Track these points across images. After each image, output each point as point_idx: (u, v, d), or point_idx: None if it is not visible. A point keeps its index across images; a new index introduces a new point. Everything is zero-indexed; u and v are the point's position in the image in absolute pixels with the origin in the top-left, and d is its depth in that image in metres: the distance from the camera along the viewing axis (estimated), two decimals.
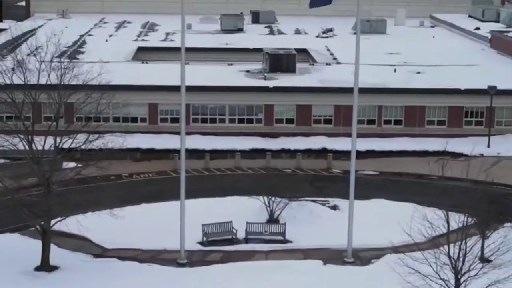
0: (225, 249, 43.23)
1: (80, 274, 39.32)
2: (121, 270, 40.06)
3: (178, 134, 62.00)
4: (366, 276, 39.21)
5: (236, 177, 56.71)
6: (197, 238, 44.24)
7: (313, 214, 46.88)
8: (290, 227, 44.92)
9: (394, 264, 35.84)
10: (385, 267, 39.32)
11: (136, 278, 38.94)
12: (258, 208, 47.25)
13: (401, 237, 41.26)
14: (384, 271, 38.85)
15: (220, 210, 47.43)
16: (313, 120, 64.37)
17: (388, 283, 36.64)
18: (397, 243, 42.69)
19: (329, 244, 43.56)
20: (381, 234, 43.99)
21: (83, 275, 39.21)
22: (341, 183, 53.64)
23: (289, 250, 43.23)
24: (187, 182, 53.94)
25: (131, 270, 40.10)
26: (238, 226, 44.50)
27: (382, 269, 39.36)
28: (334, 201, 50.46)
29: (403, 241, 42.01)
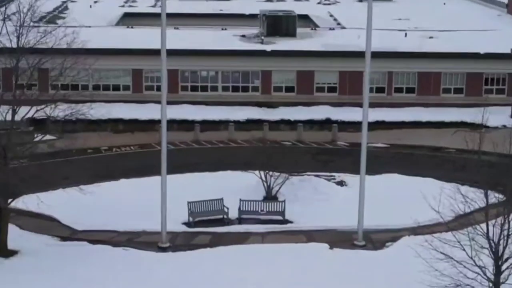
0: (214, 230, 37.38)
1: (42, 260, 33.51)
2: (91, 255, 34.26)
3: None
4: (381, 263, 33.40)
5: (229, 150, 50.94)
6: (182, 218, 38.47)
7: (317, 191, 41.01)
8: (290, 205, 39.12)
9: (411, 248, 30.28)
10: (403, 251, 33.71)
11: (108, 265, 33.14)
12: (254, 184, 41.47)
13: (420, 216, 36.07)
14: (402, 256, 33.19)
15: (210, 186, 41.70)
16: (315, 88, 58.73)
17: (408, 271, 30.86)
18: (415, 223, 36.95)
19: (335, 225, 37.72)
20: (396, 213, 38.45)
21: (45, 261, 33.39)
22: (347, 157, 48.27)
23: (289, 231, 37.35)
24: (174, 156, 48.36)
25: (103, 255, 34.31)
26: (230, 204, 38.69)
27: (400, 254, 33.67)
28: (341, 177, 44.69)
29: (422, 221, 36.63)
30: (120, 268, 32.94)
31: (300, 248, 35.12)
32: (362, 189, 35.50)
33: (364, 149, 35.61)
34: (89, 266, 32.89)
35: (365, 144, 35.70)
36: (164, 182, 35.45)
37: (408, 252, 32.27)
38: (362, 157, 35.63)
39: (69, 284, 31.09)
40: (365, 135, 35.70)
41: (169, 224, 36.23)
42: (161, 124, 35.79)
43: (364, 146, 35.66)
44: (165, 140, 35.78)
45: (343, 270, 32.67)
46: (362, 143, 35.66)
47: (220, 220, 38.46)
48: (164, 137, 35.74)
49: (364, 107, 35.53)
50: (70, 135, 48.66)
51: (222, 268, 32.78)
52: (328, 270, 32.66)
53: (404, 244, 34.71)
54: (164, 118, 35.74)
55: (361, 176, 35.66)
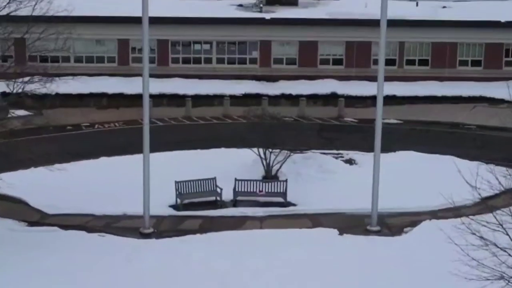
0: (205, 214, 32.83)
1: (4, 248, 28.90)
2: (61, 243, 29.65)
3: (153, 76, 52.45)
4: (401, 251, 28.77)
5: (224, 126, 46.40)
6: (169, 200, 33.95)
7: (323, 170, 36.45)
8: (293, 185, 34.57)
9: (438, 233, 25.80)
10: (426, 237, 29.26)
11: (81, 254, 28.54)
12: (251, 163, 36.98)
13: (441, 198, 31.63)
14: (425, 243, 28.72)
15: (202, 164, 37.11)
16: (319, 60, 54.11)
17: (436, 260, 26.37)
18: (436, 206, 32.60)
19: (345, 207, 33.17)
20: (414, 194, 33.98)
21: (8, 249, 28.77)
22: (356, 133, 43.94)
23: (292, 215, 32.80)
24: (162, 132, 44.14)
25: (75, 243, 29.68)
26: (224, 184, 34.15)
27: (422, 241, 29.12)
28: (349, 154, 40.13)
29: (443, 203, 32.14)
30: (94, 257, 28.32)
31: (305, 234, 30.52)
32: (377, 166, 30.91)
33: (379, 123, 30.95)
34: (57, 255, 28.26)
35: (380, 117, 31.03)
36: (147, 159, 30.86)
37: (432, 238, 27.96)
38: (377, 131, 30.99)
39: (31, 277, 26.47)
40: (380, 107, 30.97)
41: (153, 207, 31.79)
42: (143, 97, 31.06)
43: (379, 119, 30.98)
44: (147, 112, 31.13)
45: (356, 260, 28.06)
46: (377, 116, 30.97)
47: (212, 202, 33.94)
48: (147, 108, 31.10)
49: (379, 80, 30.73)
50: (48, 111, 45.21)
51: (214, 258, 28.19)
52: (338, 259, 28.04)
53: (427, 229, 30.21)
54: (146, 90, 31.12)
55: (375, 152, 31.05)
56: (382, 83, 30.64)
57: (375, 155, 30.93)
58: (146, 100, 30.86)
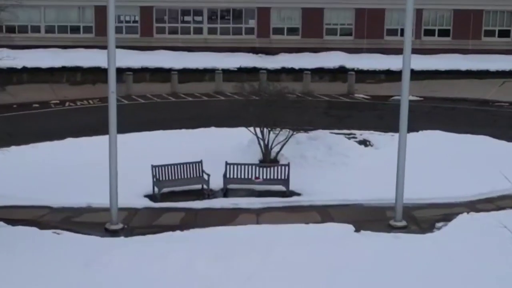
0: (189, 206, 26.91)
1: None
2: (6, 242, 23.81)
3: (135, 49, 47.37)
4: (433, 253, 22.91)
5: (215, 104, 40.68)
6: (146, 188, 28.15)
7: (333, 152, 30.62)
8: (297, 171, 28.79)
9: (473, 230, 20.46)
10: (466, 235, 23.50)
11: (29, 256, 22.73)
12: (246, 143, 31.29)
13: (478, 185, 26.28)
14: (466, 242, 22.90)
15: (187, 146, 31.50)
16: (325, 30, 48.72)
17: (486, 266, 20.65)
18: (473, 195, 27.01)
19: (361, 198, 27.28)
20: (444, 181, 28.32)
21: None
22: (369, 111, 38.57)
23: (295, 207, 26.87)
24: (143, 110, 38.82)
25: (23, 242, 23.83)
26: (212, 169, 28.36)
27: (463, 239, 23.27)
28: (363, 135, 34.38)
29: (481, 192, 26.82)
30: (45, 260, 22.47)
31: (312, 231, 24.63)
32: (403, 148, 25.04)
33: (405, 98, 25.05)
34: (2, 257, 22.49)
35: (407, 92, 25.06)
36: (113, 135, 25.01)
37: (473, 236, 22.34)
38: (403, 105, 25.12)
39: None
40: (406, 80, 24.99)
41: (125, 197, 26.06)
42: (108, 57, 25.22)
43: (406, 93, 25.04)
44: (113, 76, 25.31)
45: (378, 263, 22.22)
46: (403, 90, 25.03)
47: (197, 191, 28.11)
48: (113, 70, 25.28)
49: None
50: (13, 87, 40.62)
51: (198, 261, 22.30)
52: (354, 263, 22.19)
53: (465, 225, 24.44)
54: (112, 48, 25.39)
55: (401, 132, 25.18)
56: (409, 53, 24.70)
57: (401, 134, 25.09)
58: (112, 59, 25.00)
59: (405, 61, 24.48)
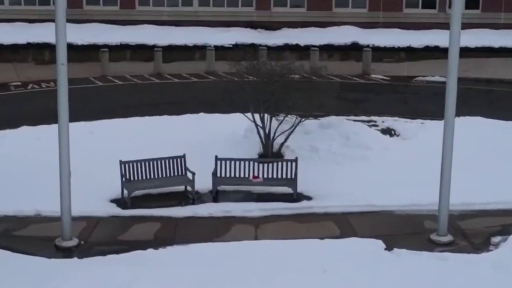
0: (167, 214, 21.12)
1: None
2: None
3: (115, 23, 41.97)
4: (494, 281, 17.18)
5: (206, 85, 34.94)
6: (114, 191, 22.43)
7: (352, 143, 24.86)
8: (306, 168, 23.15)
9: None
10: None
11: None
12: (243, 133, 25.71)
13: None
14: None
15: (168, 136, 25.88)
16: (335, 1, 44.52)
17: None
18: None
19: (390, 202, 21.53)
20: (496, 181, 22.63)
21: None
22: (389, 94, 33.26)
23: (306, 215, 21.06)
24: (120, 93, 33.52)
25: None
26: (199, 166, 22.66)
27: None
28: (385, 122, 28.66)
29: None
30: None
31: (329, 249, 18.89)
32: (449, 140, 19.37)
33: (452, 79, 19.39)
34: None
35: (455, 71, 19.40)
36: (64, 124, 19.28)
37: None
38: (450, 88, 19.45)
39: None
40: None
41: (86, 201, 20.73)
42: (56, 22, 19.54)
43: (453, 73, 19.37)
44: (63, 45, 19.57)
45: None
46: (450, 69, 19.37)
47: (179, 194, 22.40)
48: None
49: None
50: None
51: None
52: None
53: None
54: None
55: (446, 121, 19.56)
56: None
57: (447, 124, 19.50)
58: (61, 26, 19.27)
59: (453, 38, 18.97)
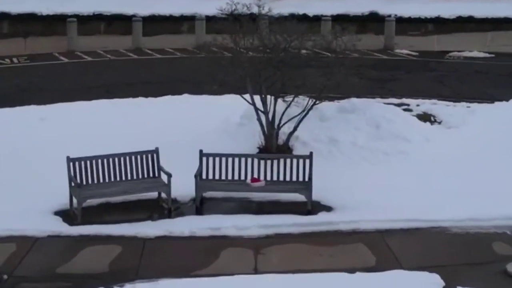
0: (131, 232, 15.15)
1: None
2: None
3: None
4: None
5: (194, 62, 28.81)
6: (60, 199, 16.52)
7: (383, 133, 18.96)
8: (324, 167, 17.30)
9: None
10: None
11: None
12: (239, 121, 19.98)
13: None
14: None
15: (141, 125, 20.12)
16: None
17: None
18: None
19: (441, 216, 15.61)
20: None
21: None
22: (420, 72, 27.66)
23: (325, 235, 15.12)
24: (89, 71, 27.87)
25: None
26: (179, 164, 16.81)
27: None
28: (421, 105, 22.85)
29: None
30: None
31: (360, 286, 13.14)
32: None
33: None
34: None
35: None
36: None
37: None
38: None
39: None
40: None
41: (22, 214, 15.40)
42: None
43: None
44: None
45: None
46: None
47: (150, 204, 16.57)
48: None
49: None
50: None
51: None
52: None
53: None
54: None
55: None
56: None
57: None
58: None
59: None
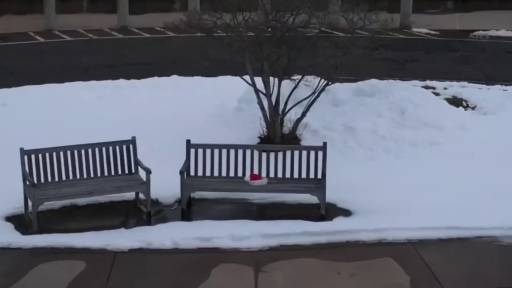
0: (99, 243, 11.97)
1: None
2: None
3: None
4: None
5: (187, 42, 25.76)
6: (14, 201, 13.30)
7: (409, 120, 15.84)
8: (338, 161, 14.19)
9: None
10: None
11: None
12: (236, 105, 16.96)
13: None
14: None
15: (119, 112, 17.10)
16: None
17: None
18: None
19: (485, 223, 12.43)
20: None
21: None
22: (443, 53, 24.93)
23: (344, 247, 12.00)
24: (61, 52, 24.80)
25: None
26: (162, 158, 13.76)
27: None
28: (449, 88, 19.79)
29: None
30: None
31: None
32: None
33: None
34: None
35: None
36: None
37: None
38: None
39: None
40: None
41: None
42: None
43: None
44: None
45: None
46: None
47: (125, 206, 13.39)
48: None
49: None
50: None
51: None
52: None
53: None
54: None
55: None
56: None
57: None
58: None
59: None
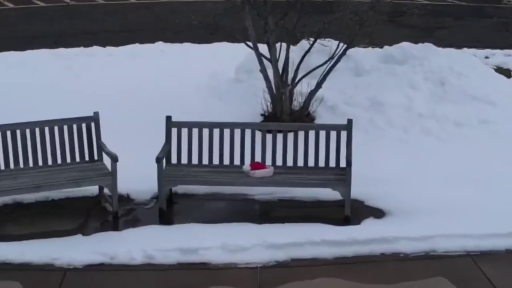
0: (43, 258, 8.86)
1: None
2: None
3: None
4: None
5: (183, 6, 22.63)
6: None
7: (452, 92, 12.61)
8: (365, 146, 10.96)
9: None
10: None
11: None
12: (233, 76, 13.74)
13: None
14: None
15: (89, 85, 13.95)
16: None
17: None
18: None
19: None
20: None
21: None
22: (475, 19, 22.00)
23: (377, 261, 8.90)
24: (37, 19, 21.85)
25: None
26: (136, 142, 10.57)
27: None
28: (491, 58, 16.66)
29: None
30: None
31: None
32: None
33: None
34: None
35: None
36: None
37: None
38: None
39: None
40: None
41: None
42: None
43: None
44: None
45: None
46: None
47: (84, 205, 10.19)
48: None
49: None
50: None
51: None
52: None
53: None
54: None
55: None
56: None
57: None
58: None
59: None
